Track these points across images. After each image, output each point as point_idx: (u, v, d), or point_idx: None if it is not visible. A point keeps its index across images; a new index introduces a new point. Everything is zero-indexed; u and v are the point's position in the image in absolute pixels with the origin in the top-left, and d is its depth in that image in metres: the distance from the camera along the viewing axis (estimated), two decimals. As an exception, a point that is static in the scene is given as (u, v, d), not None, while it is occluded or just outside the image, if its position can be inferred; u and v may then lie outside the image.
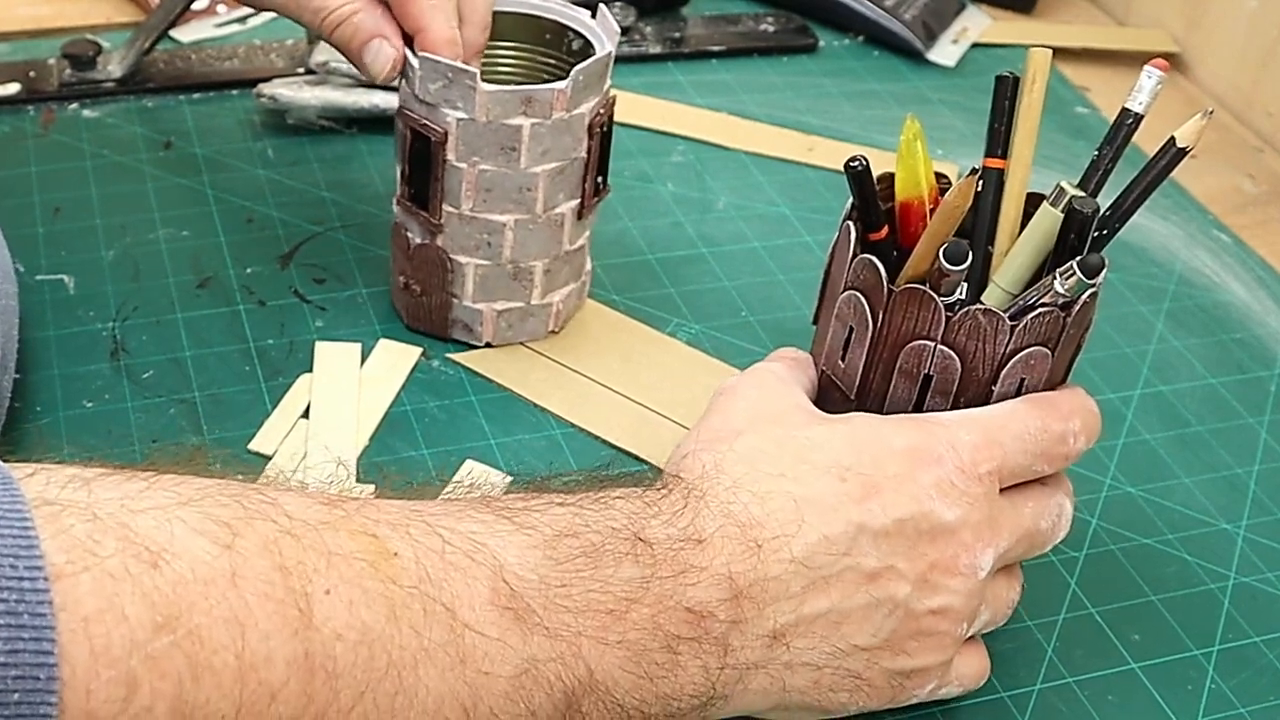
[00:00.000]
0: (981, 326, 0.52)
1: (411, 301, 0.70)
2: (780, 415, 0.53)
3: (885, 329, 0.53)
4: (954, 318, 0.52)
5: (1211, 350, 0.78)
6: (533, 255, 0.68)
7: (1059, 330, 0.52)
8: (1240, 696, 0.59)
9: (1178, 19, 1.06)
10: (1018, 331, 0.52)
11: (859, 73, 0.99)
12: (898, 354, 0.54)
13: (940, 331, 0.52)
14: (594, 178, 0.68)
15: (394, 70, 0.63)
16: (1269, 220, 0.90)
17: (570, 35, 0.68)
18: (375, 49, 0.63)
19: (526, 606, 0.43)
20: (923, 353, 0.53)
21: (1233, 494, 0.69)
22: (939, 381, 0.53)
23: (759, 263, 0.80)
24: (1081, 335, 0.55)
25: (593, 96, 0.65)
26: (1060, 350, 0.54)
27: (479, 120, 0.63)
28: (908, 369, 0.54)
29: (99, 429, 0.65)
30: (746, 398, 0.55)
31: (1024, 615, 0.61)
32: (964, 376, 0.53)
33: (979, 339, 0.52)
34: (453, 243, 0.67)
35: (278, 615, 0.38)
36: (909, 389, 0.54)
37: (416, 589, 0.41)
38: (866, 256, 0.53)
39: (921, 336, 0.53)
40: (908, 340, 0.53)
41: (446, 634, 0.41)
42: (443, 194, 0.66)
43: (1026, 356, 0.53)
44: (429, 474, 0.64)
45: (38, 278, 0.73)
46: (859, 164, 0.53)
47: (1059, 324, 0.52)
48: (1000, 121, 0.55)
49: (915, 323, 0.53)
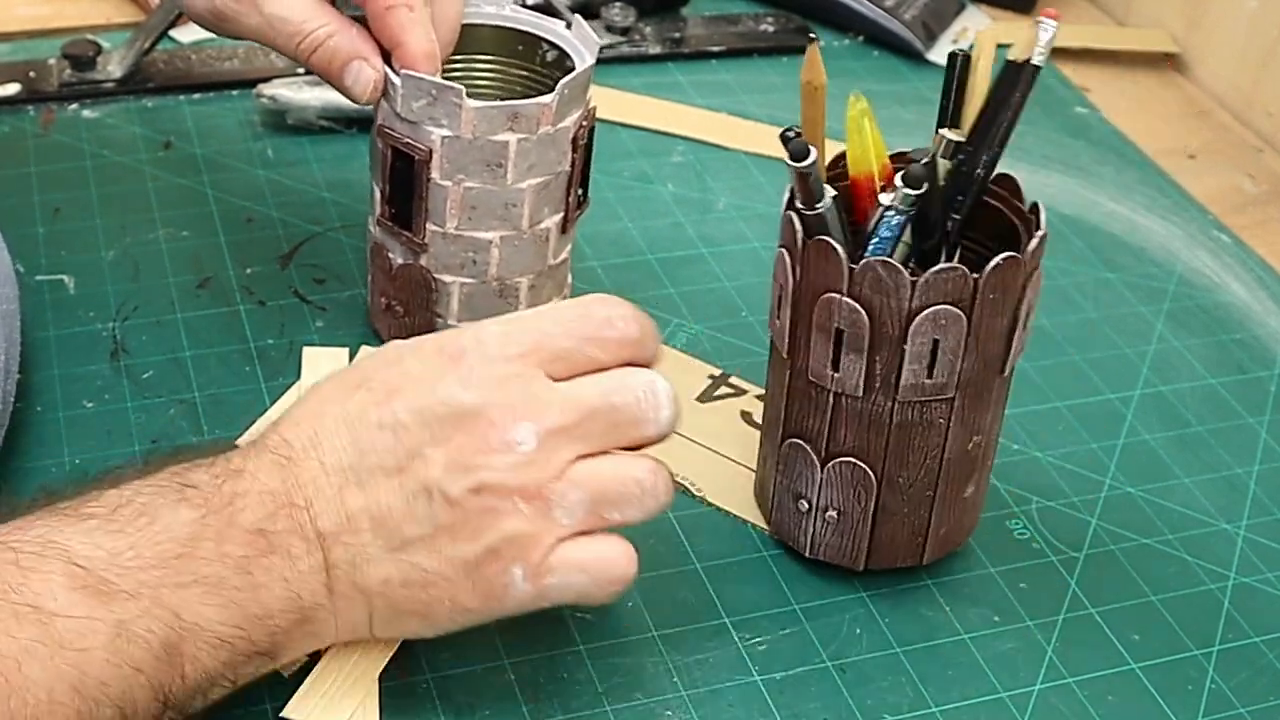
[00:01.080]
0: (882, 279, 0.53)
1: (394, 322, 0.69)
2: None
3: (802, 283, 0.56)
4: (856, 269, 0.54)
5: (1211, 350, 0.78)
6: (518, 271, 0.67)
7: (970, 292, 0.54)
8: (1240, 697, 0.59)
9: (1178, 19, 1.06)
10: (920, 286, 0.53)
11: (859, 73, 0.99)
12: (813, 308, 0.55)
13: (845, 284, 0.54)
14: (576, 191, 0.68)
15: (376, 92, 0.62)
16: (1269, 220, 0.90)
17: (544, 47, 0.68)
18: (355, 71, 0.62)
19: (101, 579, 0.46)
20: (832, 305, 0.55)
21: (1233, 494, 0.69)
22: (850, 337, 0.55)
23: (759, 263, 0.80)
24: (1017, 307, 0.55)
25: (576, 109, 0.65)
26: (981, 317, 0.54)
27: (464, 137, 0.62)
28: (821, 323, 0.56)
29: (99, 429, 0.65)
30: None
31: (1024, 615, 0.61)
32: (873, 333, 0.55)
33: (882, 293, 0.54)
34: (437, 262, 0.66)
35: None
36: (825, 345, 0.56)
37: (3, 600, 0.45)
38: (789, 213, 0.55)
39: (831, 290, 0.55)
40: (820, 293, 0.55)
41: (38, 629, 0.44)
42: (427, 213, 0.65)
43: (935, 315, 0.54)
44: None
45: (38, 278, 0.73)
46: (793, 132, 0.55)
47: (968, 284, 0.53)
48: (946, 97, 0.58)
49: (824, 276, 0.55)
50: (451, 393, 0.52)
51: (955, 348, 0.55)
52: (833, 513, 0.60)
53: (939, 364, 0.55)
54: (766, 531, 0.64)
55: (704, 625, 0.59)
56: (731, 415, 0.69)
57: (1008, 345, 0.56)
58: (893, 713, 0.57)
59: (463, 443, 0.51)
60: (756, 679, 0.58)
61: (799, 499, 0.60)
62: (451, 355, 0.53)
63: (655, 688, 0.57)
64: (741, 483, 0.66)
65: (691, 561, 0.62)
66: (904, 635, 0.60)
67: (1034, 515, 0.66)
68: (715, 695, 0.57)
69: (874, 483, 0.58)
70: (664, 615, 0.60)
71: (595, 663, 0.57)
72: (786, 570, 0.62)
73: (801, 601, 0.61)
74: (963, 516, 0.61)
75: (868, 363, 0.55)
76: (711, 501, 0.65)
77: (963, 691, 0.58)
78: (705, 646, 0.59)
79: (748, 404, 0.70)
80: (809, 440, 0.59)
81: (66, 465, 0.63)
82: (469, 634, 0.58)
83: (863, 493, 0.59)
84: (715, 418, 0.69)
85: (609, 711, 0.56)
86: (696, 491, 0.65)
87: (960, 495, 0.60)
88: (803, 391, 0.58)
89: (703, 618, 0.60)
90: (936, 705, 0.57)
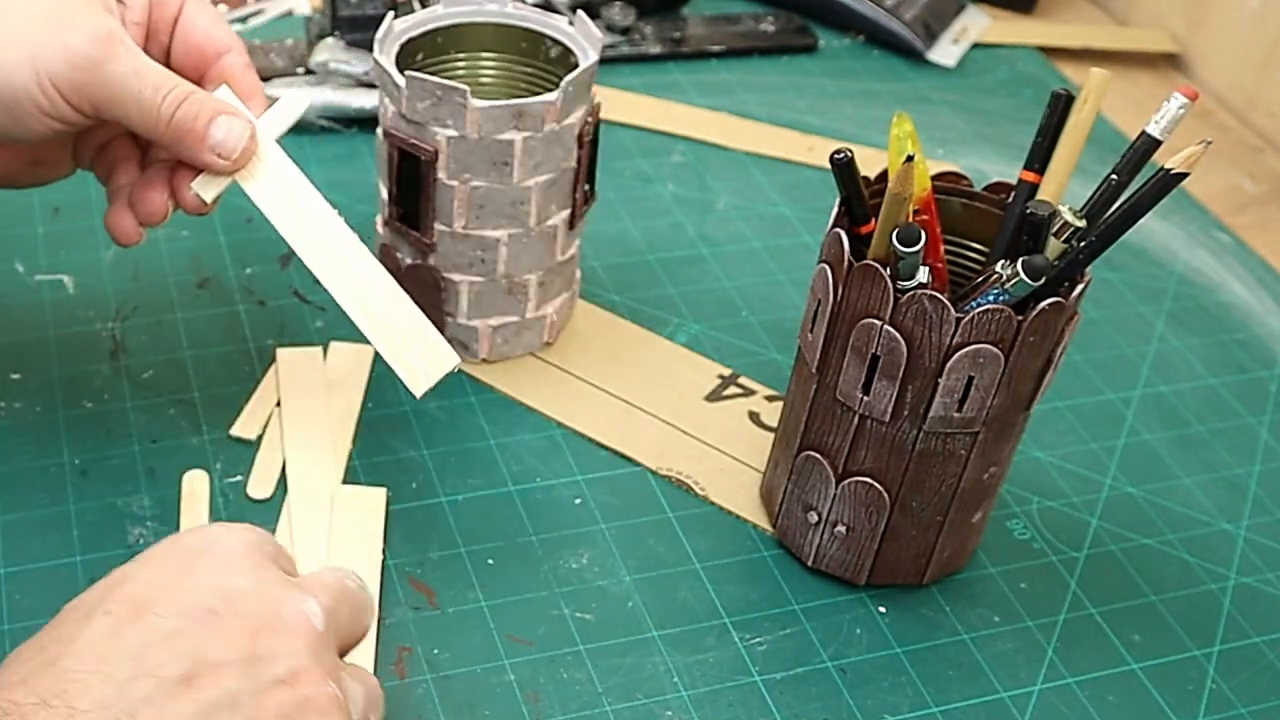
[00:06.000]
0: (927, 312, 0.53)
1: None
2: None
3: (843, 303, 0.55)
4: (902, 299, 0.53)
5: (1212, 350, 0.78)
6: (527, 268, 0.67)
7: (1012, 333, 0.53)
8: (1240, 697, 0.59)
9: (1178, 19, 1.06)
10: (964, 324, 0.52)
11: (859, 73, 0.99)
12: (851, 330, 0.55)
13: (889, 312, 0.53)
14: (583, 187, 0.68)
15: (251, 148, 0.57)
16: (1269, 220, 0.90)
17: (547, 43, 0.68)
18: (225, 125, 0.57)
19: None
20: (871, 331, 0.54)
21: (1233, 494, 0.69)
22: (885, 364, 0.54)
23: (759, 263, 0.80)
24: (1051, 351, 0.55)
25: (581, 106, 0.65)
26: (1018, 358, 0.54)
27: (470, 137, 0.62)
28: (858, 346, 0.55)
29: (99, 429, 0.65)
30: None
31: (1024, 615, 0.61)
32: (910, 363, 0.54)
33: (925, 325, 0.53)
34: (446, 261, 0.67)
35: None
36: (859, 368, 0.55)
37: None
38: (837, 230, 0.54)
39: (872, 315, 0.54)
40: (860, 317, 0.54)
41: None
42: (434, 213, 0.65)
43: (974, 353, 0.53)
44: (428, 474, 0.64)
45: (37, 278, 0.73)
46: (844, 156, 0.54)
47: (1011, 325, 0.52)
48: (1045, 137, 0.56)
49: (868, 300, 0.54)
50: (218, 580, 0.44)
51: (989, 385, 0.54)
52: (842, 528, 0.59)
53: (970, 399, 0.55)
54: (768, 533, 0.64)
55: (704, 625, 0.59)
56: (740, 416, 0.69)
57: (1038, 384, 0.56)
58: (893, 713, 0.57)
59: (256, 627, 0.43)
60: (756, 679, 0.57)
61: (809, 510, 0.60)
62: (195, 550, 0.46)
63: (655, 688, 0.57)
64: (745, 483, 0.66)
65: (691, 561, 0.62)
66: (904, 635, 0.60)
67: (1034, 515, 0.66)
68: (715, 695, 0.57)
69: (887, 504, 0.58)
70: (664, 615, 0.60)
71: (595, 663, 0.57)
72: (787, 571, 0.62)
73: (802, 602, 0.61)
74: (966, 540, 0.61)
75: (899, 391, 0.55)
76: (714, 501, 0.65)
77: (963, 692, 0.58)
78: (705, 646, 0.59)
79: (756, 405, 0.70)
80: (827, 455, 0.58)
81: (66, 465, 0.63)
82: (469, 634, 0.58)
83: (874, 512, 0.58)
84: (723, 417, 0.69)
85: (609, 711, 0.56)
86: (699, 490, 0.65)
87: (968, 520, 0.60)
88: (827, 408, 0.58)
89: (703, 618, 0.60)
90: (936, 705, 0.57)
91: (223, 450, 0.64)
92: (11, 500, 0.61)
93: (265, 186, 0.58)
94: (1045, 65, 1.03)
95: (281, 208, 0.58)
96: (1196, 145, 0.51)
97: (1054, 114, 0.56)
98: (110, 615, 0.43)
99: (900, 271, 0.53)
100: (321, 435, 0.65)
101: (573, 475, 0.65)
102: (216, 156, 0.57)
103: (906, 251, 0.52)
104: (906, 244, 0.52)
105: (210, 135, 0.56)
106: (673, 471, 0.66)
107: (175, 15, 0.58)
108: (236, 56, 0.59)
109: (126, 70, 0.54)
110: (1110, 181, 0.54)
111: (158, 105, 0.55)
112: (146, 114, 0.55)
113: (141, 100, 0.55)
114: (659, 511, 0.64)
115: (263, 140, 0.58)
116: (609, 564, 0.61)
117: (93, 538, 0.60)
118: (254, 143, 0.58)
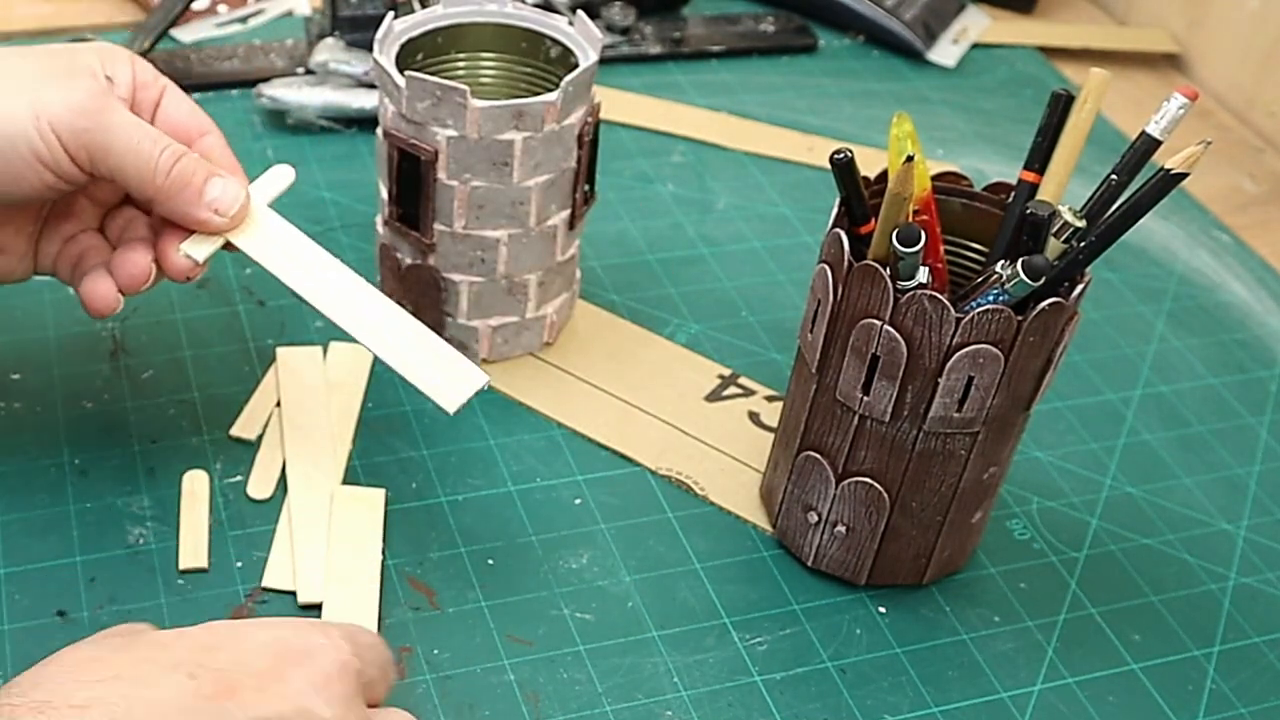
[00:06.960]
0: (927, 312, 0.53)
1: None
2: (129, 630, 0.48)
3: (843, 303, 0.55)
4: (902, 299, 0.53)
5: (1212, 350, 0.78)
6: (527, 269, 0.67)
7: (1012, 333, 0.53)
8: (1240, 697, 0.59)
9: (1178, 19, 1.06)
10: (964, 324, 0.52)
11: (859, 73, 0.99)
12: (851, 330, 0.55)
13: (889, 312, 0.53)
14: (583, 187, 0.68)
15: (244, 212, 0.57)
16: (1269, 220, 0.90)
17: (547, 43, 0.68)
18: (220, 186, 0.57)
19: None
20: (871, 331, 0.54)
21: (1233, 494, 0.69)
22: (885, 364, 0.54)
23: (759, 263, 0.80)
24: (1051, 351, 0.55)
25: (581, 106, 0.65)
26: (1018, 358, 0.54)
27: (470, 137, 0.62)
28: (858, 346, 0.55)
29: (99, 429, 0.65)
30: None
31: (1024, 615, 0.61)
32: (910, 363, 0.54)
33: (925, 325, 0.53)
34: (445, 261, 0.67)
35: None
36: (859, 368, 0.55)
37: None
38: (837, 231, 0.55)
39: (872, 315, 0.54)
40: (860, 317, 0.54)
41: None
42: (434, 213, 0.65)
43: (974, 354, 0.53)
44: (428, 474, 0.64)
45: (37, 278, 0.72)
46: (844, 156, 0.54)
47: (1011, 326, 0.52)
48: (1044, 137, 0.56)
49: (868, 300, 0.54)
50: (309, 704, 0.45)
51: (989, 385, 0.54)
52: (842, 528, 0.60)
53: (970, 399, 0.55)
54: (768, 533, 0.64)
55: (704, 625, 0.59)
56: (739, 416, 0.69)
57: (1038, 384, 0.56)
58: (893, 713, 0.57)
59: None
60: (756, 679, 0.57)
61: (809, 510, 0.60)
62: (294, 656, 0.46)
63: (655, 688, 0.57)
64: (745, 483, 0.66)
65: (691, 562, 0.62)
66: (904, 635, 0.60)
67: (1034, 515, 0.66)
68: (715, 695, 0.57)
69: (887, 504, 0.58)
70: (664, 615, 0.60)
71: (595, 663, 0.57)
72: (787, 571, 0.62)
73: (802, 602, 0.61)
74: (966, 540, 0.61)
75: (899, 391, 0.55)
76: (714, 501, 0.65)
77: (963, 692, 0.58)
78: (705, 646, 0.59)
79: (756, 405, 0.70)
80: (827, 456, 0.59)
81: (66, 465, 0.63)
82: (469, 634, 0.58)
83: (874, 513, 0.59)
84: (723, 417, 0.69)
85: (609, 711, 0.56)
86: (699, 490, 0.65)
87: (968, 521, 0.60)
88: (827, 409, 0.58)
89: (702, 618, 0.60)
90: (936, 705, 0.57)
91: (223, 450, 0.64)
92: (11, 500, 0.61)
93: (262, 243, 0.58)
94: (1045, 65, 1.03)
95: (282, 261, 0.58)
96: (1196, 145, 0.51)
97: (1054, 114, 0.56)
98: (195, 681, 0.43)
99: (900, 272, 0.53)
100: (321, 435, 0.65)
101: (572, 475, 0.65)
102: (213, 213, 0.57)
103: (906, 252, 0.52)
104: (906, 244, 0.52)
105: (207, 191, 0.56)
106: (673, 471, 0.66)
107: (157, 99, 0.59)
108: (216, 138, 0.59)
109: (126, 120, 0.55)
110: (1110, 181, 0.54)
111: (156, 156, 0.55)
112: (144, 165, 0.55)
113: (140, 151, 0.55)
114: (659, 512, 0.64)
115: (256, 203, 0.59)
116: (609, 564, 0.61)
117: (93, 538, 0.60)
118: (249, 203, 0.58)
